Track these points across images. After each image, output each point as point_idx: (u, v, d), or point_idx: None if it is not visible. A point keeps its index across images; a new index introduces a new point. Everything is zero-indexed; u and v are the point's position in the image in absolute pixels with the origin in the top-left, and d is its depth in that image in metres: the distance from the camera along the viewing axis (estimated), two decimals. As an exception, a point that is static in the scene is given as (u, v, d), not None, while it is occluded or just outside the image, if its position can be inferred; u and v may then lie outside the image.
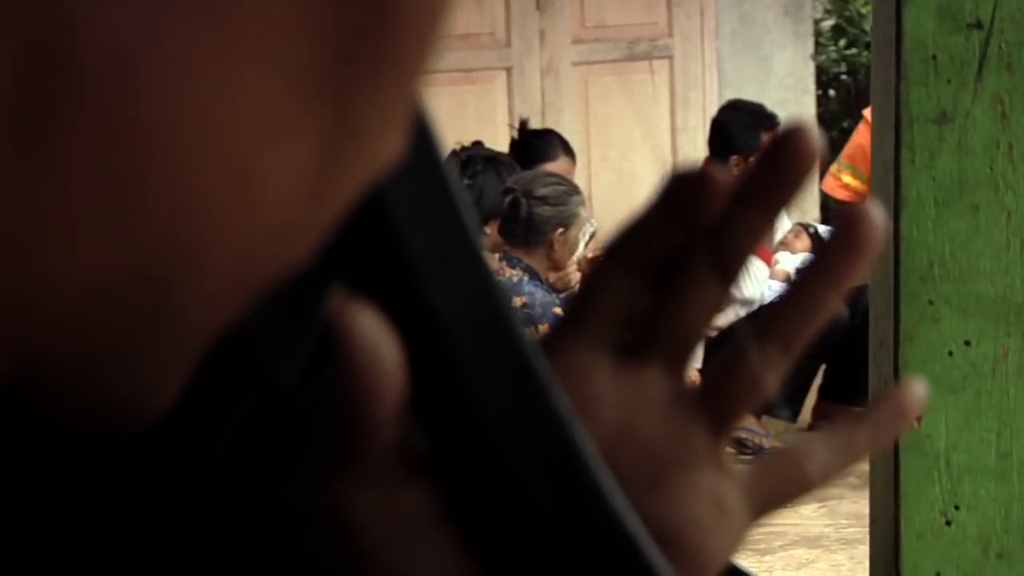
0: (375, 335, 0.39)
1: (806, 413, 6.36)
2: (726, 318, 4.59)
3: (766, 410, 6.13)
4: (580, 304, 0.50)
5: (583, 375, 0.49)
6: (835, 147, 7.91)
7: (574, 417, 0.43)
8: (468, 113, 6.96)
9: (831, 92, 8.19)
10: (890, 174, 1.91)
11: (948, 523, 1.91)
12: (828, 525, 4.91)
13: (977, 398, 1.91)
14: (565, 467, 0.43)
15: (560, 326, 0.50)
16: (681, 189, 0.48)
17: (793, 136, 0.47)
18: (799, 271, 0.50)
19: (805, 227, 6.41)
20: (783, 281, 6.14)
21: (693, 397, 0.50)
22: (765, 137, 5.98)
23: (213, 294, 0.30)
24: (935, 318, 1.91)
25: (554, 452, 0.43)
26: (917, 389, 0.52)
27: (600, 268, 0.50)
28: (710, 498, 0.48)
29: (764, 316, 0.50)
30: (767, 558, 4.62)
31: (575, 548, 0.43)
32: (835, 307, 0.50)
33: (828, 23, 8.36)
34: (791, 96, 7.01)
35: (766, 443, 6.08)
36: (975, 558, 1.91)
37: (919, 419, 1.92)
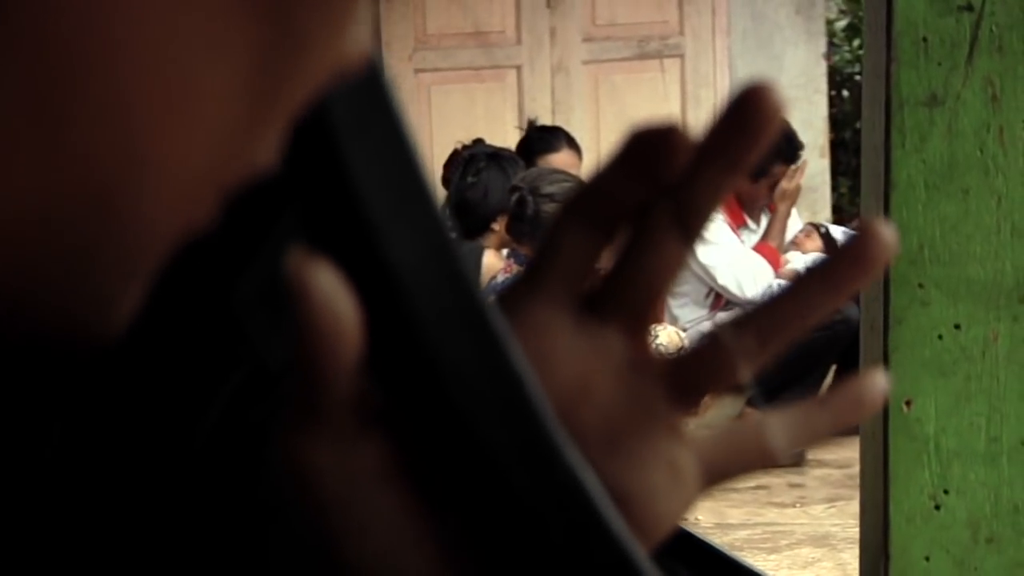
0: (332, 291, 0.40)
1: (816, 414, 6.35)
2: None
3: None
4: (539, 260, 0.50)
5: (542, 331, 0.49)
6: (847, 148, 7.92)
7: (530, 371, 0.44)
8: (478, 111, 6.96)
9: (844, 92, 8.18)
10: (880, 157, 1.92)
11: (937, 507, 1.92)
12: (836, 524, 4.91)
13: (967, 382, 1.92)
14: (519, 420, 0.43)
15: (519, 282, 0.50)
16: (644, 145, 0.48)
17: (754, 94, 0.47)
18: (806, 270, 0.50)
19: (816, 227, 6.41)
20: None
21: (655, 361, 0.50)
22: (789, 171, 5.98)
23: (161, 208, 0.31)
24: (925, 301, 1.91)
25: (508, 405, 0.43)
26: (880, 380, 0.52)
27: (559, 224, 0.50)
28: (664, 463, 0.49)
29: (755, 307, 0.50)
30: (773, 557, 4.62)
31: (529, 500, 0.43)
32: (825, 315, 0.51)
33: (842, 23, 8.36)
34: (803, 95, 7.01)
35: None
36: (964, 542, 1.91)
37: (909, 403, 1.92)
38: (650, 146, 0.48)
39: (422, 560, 0.44)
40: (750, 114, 0.47)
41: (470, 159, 5.31)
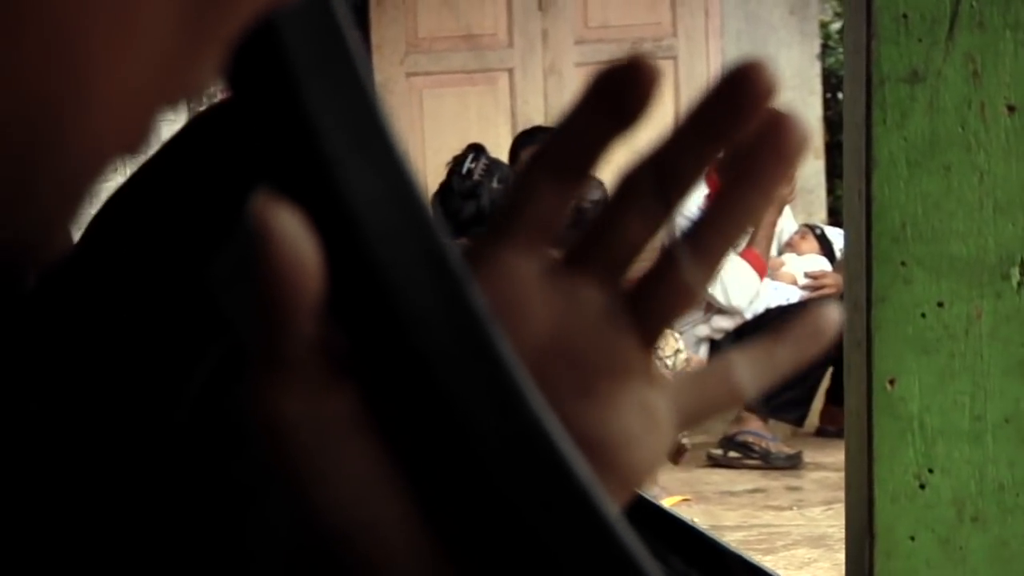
0: (293, 234, 0.40)
1: (813, 417, 6.35)
2: (722, 325, 4.54)
3: (773, 414, 6.13)
4: (508, 209, 0.50)
5: (512, 280, 0.49)
6: (842, 150, 7.91)
7: (491, 314, 0.44)
8: (470, 115, 6.97)
9: (839, 95, 8.19)
10: (861, 134, 1.92)
11: (922, 486, 1.92)
12: (832, 526, 4.91)
13: (951, 360, 1.92)
14: (480, 363, 0.44)
15: (489, 232, 0.51)
16: (607, 83, 0.48)
17: (746, 70, 0.47)
18: (720, 181, 0.51)
19: (811, 228, 6.41)
20: (790, 284, 6.14)
21: (624, 309, 0.50)
22: None
23: (99, 128, 0.31)
24: (908, 279, 1.92)
25: (469, 348, 0.43)
26: (833, 310, 0.53)
27: (528, 172, 0.50)
28: (638, 409, 0.49)
29: (691, 227, 0.51)
30: (769, 558, 4.62)
31: (490, 446, 0.44)
32: (759, 215, 0.52)
33: (836, 26, 8.37)
34: (798, 96, 7.01)
35: (772, 447, 6.07)
36: (949, 521, 1.92)
37: (892, 381, 1.93)
38: (614, 83, 0.48)
39: (392, 509, 0.44)
40: (740, 89, 0.47)
41: (468, 173, 5.31)
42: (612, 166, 0.52)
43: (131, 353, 0.60)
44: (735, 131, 0.48)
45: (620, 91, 0.48)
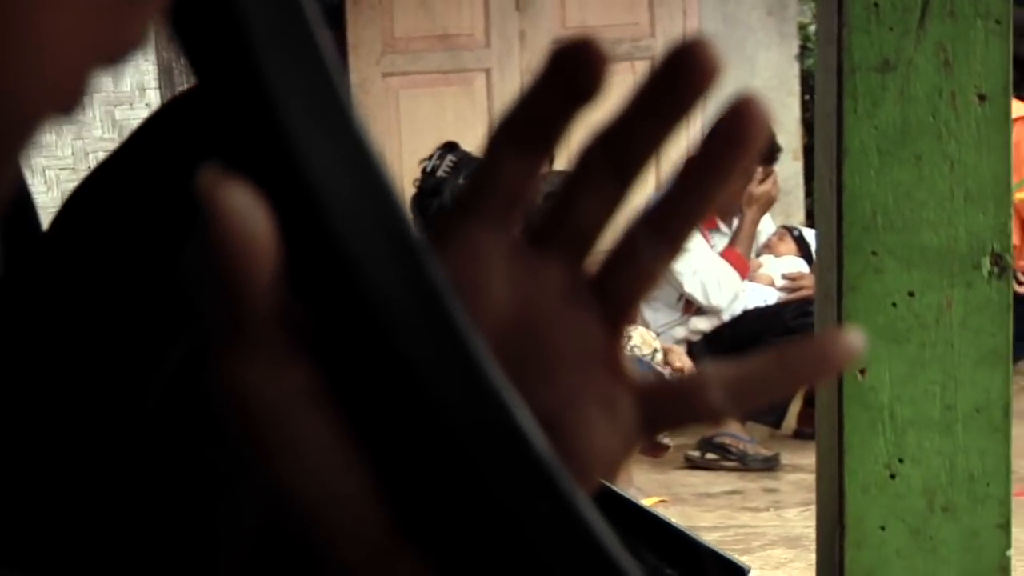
0: (245, 207, 0.40)
1: (790, 419, 6.36)
2: (700, 327, 4.53)
3: (750, 416, 6.14)
4: (472, 186, 0.50)
5: (477, 256, 0.49)
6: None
7: (450, 287, 0.44)
8: (447, 115, 6.97)
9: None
10: (832, 123, 1.93)
11: (893, 476, 1.92)
12: (809, 527, 4.91)
13: (921, 349, 1.92)
14: (439, 336, 0.44)
15: (454, 208, 0.51)
16: (563, 60, 0.48)
17: (692, 47, 0.47)
18: (685, 158, 0.50)
19: (789, 230, 6.43)
20: (768, 285, 6.16)
21: (587, 290, 0.50)
22: (758, 173, 5.99)
23: (36, 84, 0.32)
24: (879, 269, 1.92)
25: (428, 320, 0.43)
26: (852, 339, 0.50)
27: (492, 149, 0.50)
28: (601, 399, 0.49)
29: (653, 208, 0.51)
30: (745, 558, 4.62)
31: (450, 418, 0.44)
32: (719, 199, 0.51)
33: (815, 27, 8.39)
34: (776, 97, 7.03)
35: (750, 449, 6.08)
36: (920, 511, 1.92)
37: (863, 371, 1.93)
38: (569, 60, 0.48)
39: (353, 483, 0.44)
40: (688, 67, 0.47)
41: (457, 164, 5.32)
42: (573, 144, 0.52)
43: (101, 340, 0.60)
44: (683, 109, 0.48)
45: (572, 69, 0.48)
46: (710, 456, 6.07)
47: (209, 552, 0.54)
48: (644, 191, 0.52)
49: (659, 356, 5.83)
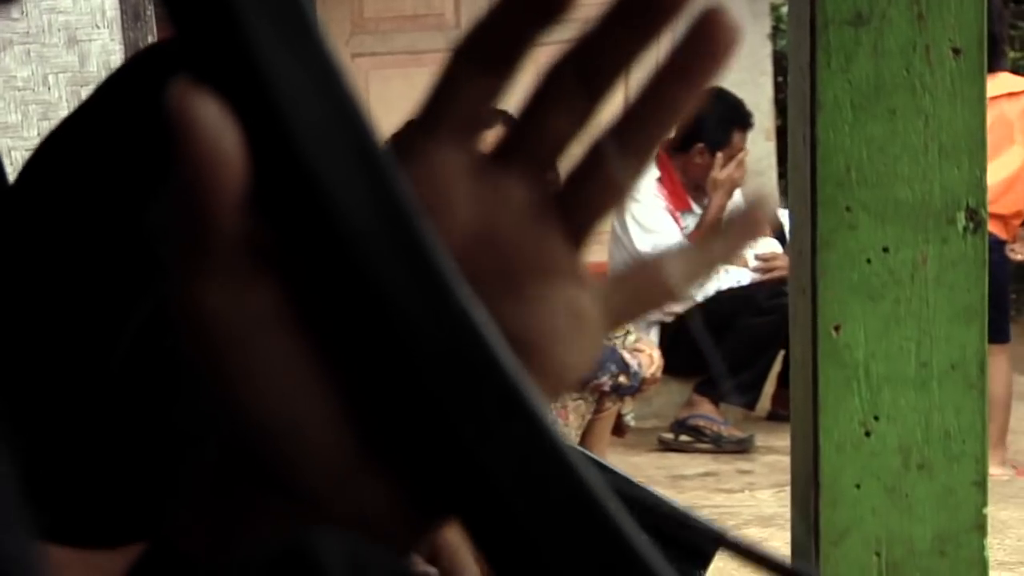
0: (214, 121, 0.41)
1: (764, 400, 6.38)
2: (674, 308, 4.53)
3: (724, 398, 6.15)
4: (434, 103, 0.50)
5: (440, 174, 0.49)
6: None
7: (417, 204, 0.44)
8: (417, 96, 6.95)
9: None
10: (806, 77, 1.92)
11: (868, 434, 1.92)
12: (784, 506, 4.93)
13: (896, 306, 1.92)
14: (406, 253, 0.44)
15: (416, 125, 0.50)
16: None
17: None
18: (650, 75, 0.50)
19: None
20: (741, 266, 6.16)
21: (552, 206, 0.50)
22: (736, 135, 6.00)
23: None
24: (853, 225, 1.92)
25: (395, 238, 0.43)
26: (767, 201, 0.52)
27: (453, 66, 0.50)
28: (568, 308, 0.49)
29: (618, 123, 0.50)
30: (720, 537, 4.63)
31: (418, 335, 0.44)
32: (688, 109, 0.51)
33: (787, 8, 8.41)
34: (748, 78, 7.03)
35: (724, 431, 6.09)
36: (895, 469, 1.92)
37: (837, 328, 1.93)
38: None
39: (317, 406, 0.44)
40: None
41: None
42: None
43: (67, 296, 0.60)
44: (654, 27, 0.48)
45: None
46: (684, 438, 6.08)
47: (173, 484, 0.53)
48: (612, 107, 0.52)
49: (631, 338, 5.83)
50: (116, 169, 0.64)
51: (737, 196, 6.30)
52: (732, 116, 6.00)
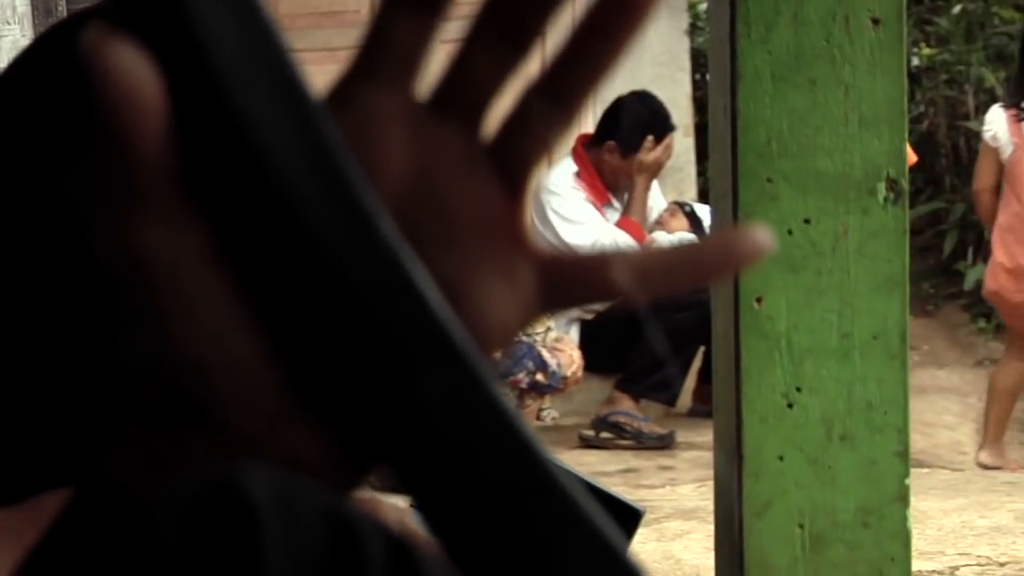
0: (131, 62, 0.41)
1: (685, 396, 6.41)
2: (594, 305, 4.58)
3: (645, 394, 6.17)
4: (367, 48, 0.49)
5: (374, 120, 0.48)
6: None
7: (344, 145, 0.44)
8: (333, 93, 6.94)
9: (708, 76, 8.29)
10: (726, 48, 1.93)
11: (790, 405, 1.93)
12: (705, 499, 4.95)
13: (818, 277, 1.93)
14: (334, 192, 0.43)
15: (350, 71, 0.49)
16: None
17: None
18: (574, 25, 0.50)
19: (681, 206, 6.47)
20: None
21: (486, 156, 0.49)
22: (649, 142, 6.01)
23: None
24: (774, 196, 1.93)
25: (322, 177, 0.43)
26: (760, 236, 0.49)
27: (386, 9, 0.49)
28: (501, 268, 0.48)
29: (544, 75, 0.50)
30: (642, 531, 4.65)
31: (348, 276, 0.43)
32: (615, 62, 0.51)
33: (704, 6, 8.46)
34: (666, 73, 7.07)
35: (645, 427, 6.11)
36: (818, 440, 1.93)
37: (759, 300, 1.93)
38: None
39: (247, 345, 0.44)
40: None
41: None
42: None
43: None
44: None
45: None
46: (605, 435, 6.10)
47: (99, 428, 0.53)
48: (540, 57, 0.51)
49: (551, 336, 5.84)
50: (34, 134, 0.64)
51: (655, 191, 6.33)
52: (650, 121, 6.02)
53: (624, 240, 6.00)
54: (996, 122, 5.71)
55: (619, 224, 6.03)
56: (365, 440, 0.45)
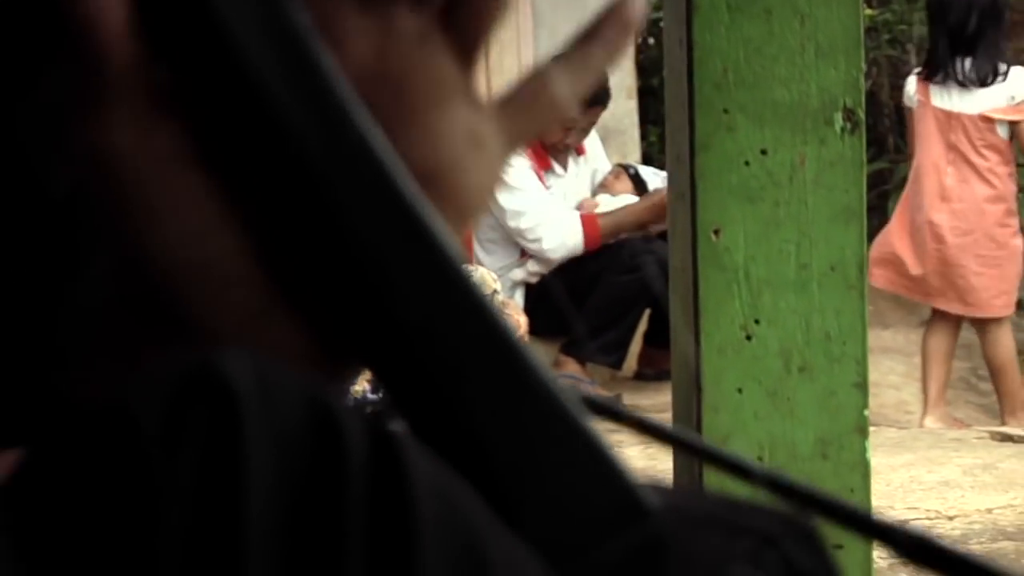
0: None
1: (631, 360, 6.43)
2: (537, 269, 4.53)
3: (591, 357, 6.19)
4: None
5: (327, 12, 0.48)
6: (655, 95, 8.04)
7: (312, 31, 0.44)
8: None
9: (651, 40, 8.30)
10: (681, -22, 1.93)
11: (748, 338, 1.94)
12: (652, 460, 4.98)
13: (775, 208, 1.94)
14: (304, 80, 0.43)
15: None
16: None
17: None
18: None
19: (625, 168, 6.48)
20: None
21: (438, 29, 0.50)
22: (587, 110, 6.01)
23: None
24: (730, 127, 1.93)
25: (292, 66, 0.43)
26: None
27: None
28: (466, 132, 0.49)
29: None
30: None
31: (319, 165, 0.43)
32: None
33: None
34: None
35: (591, 391, 6.13)
36: (777, 372, 1.94)
37: (717, 232, 1.94)
38: None
39: (224, 243, 0.44)
40: None
41: None
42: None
43: None
44: None
45: None
46: (550, 398, 6.11)
47: (67, 335, 0.53)
48: None
49: (498, 299, 5.84)
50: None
51: (599, 153, 6.34)
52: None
53: (569, 219, 5.99)
54: (910, 86, 5.93)
55: (583, 218, 6.03)
56: (343, 337, 0.45)
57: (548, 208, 5.96)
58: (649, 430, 0.60)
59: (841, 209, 1.93)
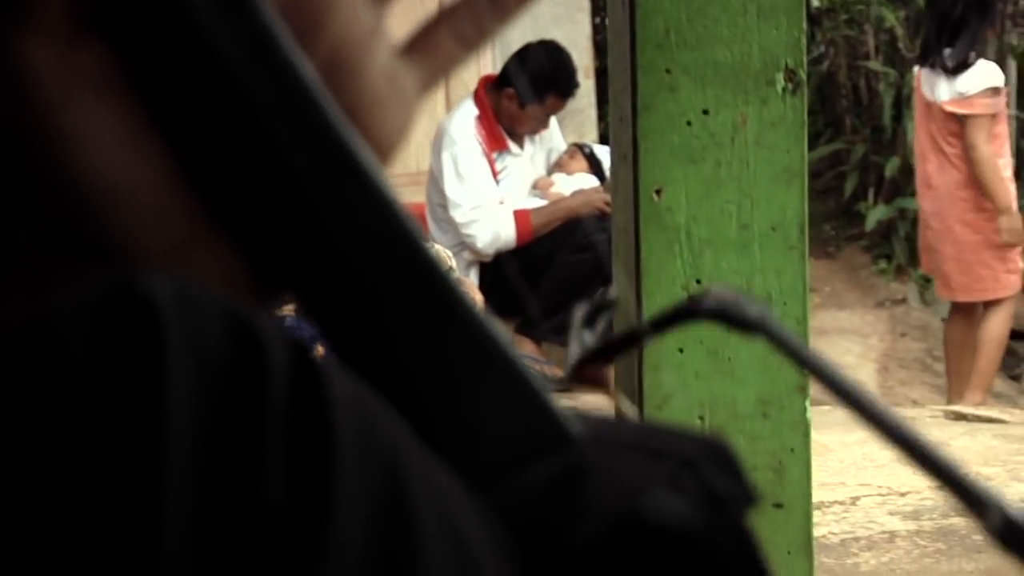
0: None
1: (587, 339, 6.43)
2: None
3: (547, 337, 6.19)
4: None
5: None
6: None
7: None
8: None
9: (608, 20, 8.30)
10: (623, -62, 1.94)
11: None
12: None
13: (717, 168, 1.96)
14: (241, 14, 0.43)
15: None
16: None
17: None
18: None
19: (580, 147, 6.49)
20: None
21: None
22: (549, 99, 6.01)
23: None
24: (673, 87, 1.95)
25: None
26: None
27: None
28: (382, 72, 0.49)
29: None
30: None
31: (249, 92, 0.43)
32: None
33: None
34: (565, 14, 7.08)
35: (547, 370, 6.14)
36: (717, 332, 1.94)
37: (659, 192, 1.96)
38: None
39: (150, 168, 0.44)
40: None
41: None
42: None
43: None
44: None
45: None
46: (505, 379, 6.10)
47: None
48: None
49: (453, 276, 5.82)
50: None
51: (555, 132, 6.34)
52: (551, 78, 6.01)
53: (504, 220, 5.99)
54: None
55: (516, 214, 6.03)
56: (270, 263, 0.46)
57: (485, 204, 5.95)
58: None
59: (782, 169, 1.95)
